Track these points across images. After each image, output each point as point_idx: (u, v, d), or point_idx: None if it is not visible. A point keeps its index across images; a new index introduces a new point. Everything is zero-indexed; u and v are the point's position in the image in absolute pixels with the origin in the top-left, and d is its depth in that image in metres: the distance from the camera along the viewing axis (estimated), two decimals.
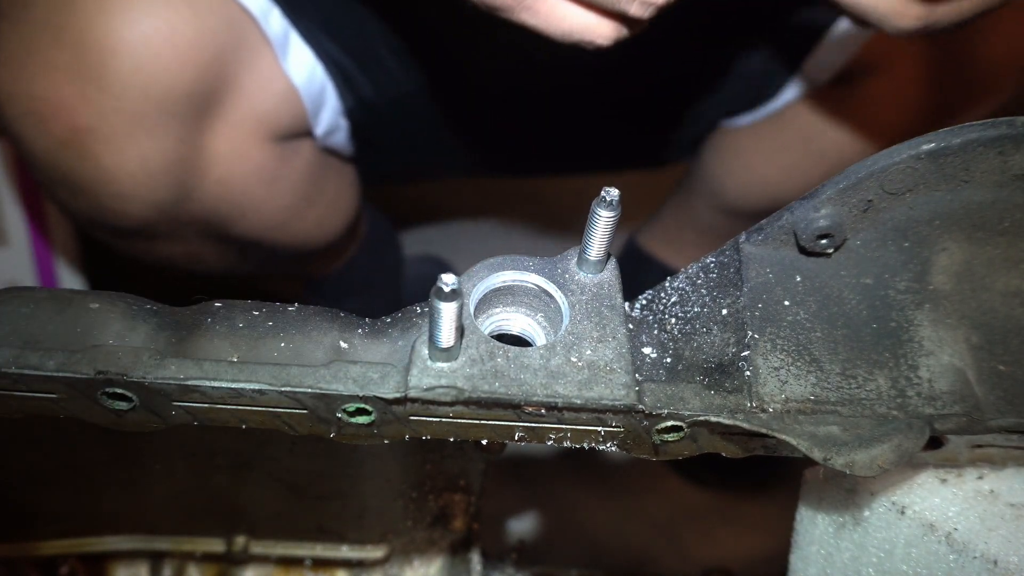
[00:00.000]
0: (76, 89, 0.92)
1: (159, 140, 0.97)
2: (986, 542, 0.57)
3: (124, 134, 0.95)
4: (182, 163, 1.00)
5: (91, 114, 0.93)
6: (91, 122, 0.94)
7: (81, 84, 0.92)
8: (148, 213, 1.02)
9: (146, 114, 0.95)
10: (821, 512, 0.65)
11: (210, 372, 0.49)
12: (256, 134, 1.06)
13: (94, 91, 0.93)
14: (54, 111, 0.93)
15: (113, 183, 0.98)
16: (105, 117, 0.94)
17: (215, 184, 1.05)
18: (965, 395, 0.55)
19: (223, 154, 1.04)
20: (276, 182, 1.12)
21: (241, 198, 1.09)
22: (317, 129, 1.15)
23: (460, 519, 0.86)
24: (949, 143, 0.52)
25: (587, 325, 0.53)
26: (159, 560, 0.88)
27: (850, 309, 0.57)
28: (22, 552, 0.83)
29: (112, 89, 0.93)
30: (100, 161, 0.96)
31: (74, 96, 0.93)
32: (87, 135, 0.95)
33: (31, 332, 0.50)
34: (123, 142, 0.95)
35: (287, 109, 1.08)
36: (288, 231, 1.21)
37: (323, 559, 0.88)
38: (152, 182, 0.99)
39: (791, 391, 0.54)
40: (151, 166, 0.98)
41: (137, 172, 0.98)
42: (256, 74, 1.03)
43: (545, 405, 0.50)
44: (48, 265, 1.46)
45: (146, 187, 0.99)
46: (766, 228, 0.57)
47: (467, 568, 0.88)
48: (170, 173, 1.00)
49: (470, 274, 0.55)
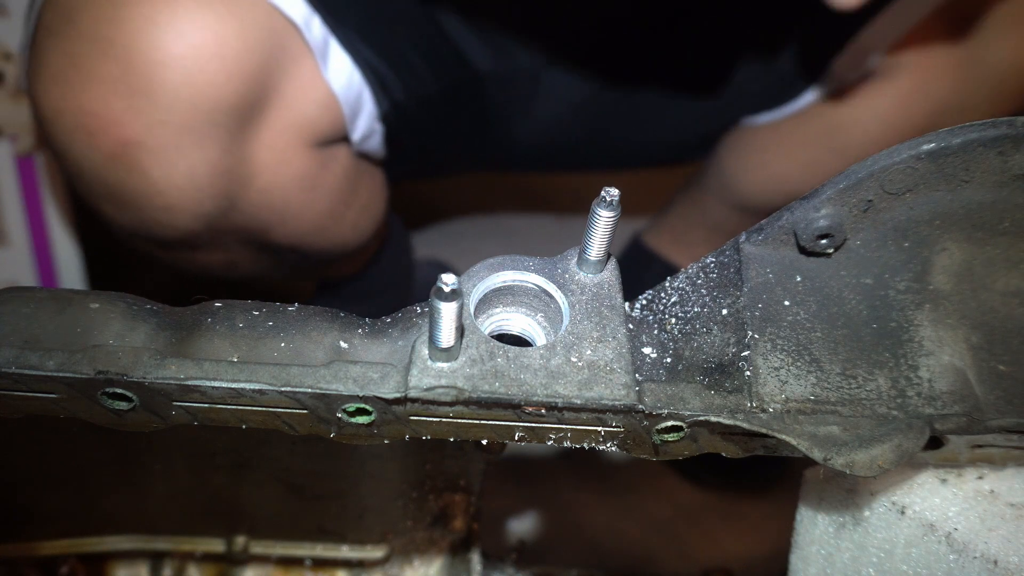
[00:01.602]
0: (125, 102, 0.93)
1: (206, 151, 0.97)
2: (986, 542, 0.57)
3: (172, 146, 0.95)
4: (228, 173, 1.01)
5: (140, 127, 0.94)
6: (140, 135, 0.94)
7: (130, 97, 0.93)
8: (194, 224, 1.03)
9: (194, 126, 0.95)
10: (821, 512, 0.65)
11: (210, 372, 0.49)
12: (297, 141, 1.07)
13: (143, 104, 0.93)
14: (103, 125, 0.94)
15: (161, 196, 0.99)
16: (153, 130, 0.94)
17: (258, 193, 1.06)
18: (965, 395, 0.55)
19: (266, 163, 1.05)
20: (316, 188, 1.13)
21: (282, 205, 1.10)
22: (354, 135, 1.16)
23: (460, 519, 0.86)
24: (949, 143, 0.52)
25: (587, 325, 0.53)
26: (159, 560, 0.88)
27: (850, 309, 0.57)
28: (22, 552, 0.83)
29: (161, 102, 0.93)
30: (149, 174, 0.97)
31: (123, 109, 0.93)
32: (136, 148, 0.95)
33: (31, 332, 0.50)
34: (171, 154, 0.96)
35: (327, 116, 1.09)
36: (325, 236, 1.22)
37: (323, 559, 0.88)
38: (199, 194, 1.00)
39: (791, 391, 0.54)
40: (198, 178, 0.98)
41: (185, 184, 0.98)
42: (298, 82, 1.04)
43: (545, 405, 0.50)
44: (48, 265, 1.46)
45: (193, 199, 1.00)
46: (766, 228, 0.57)
47: (467, 568, 0.88)
48: (216, 184, 1.00)
49: (470, 274, 0.55)
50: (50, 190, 1.43)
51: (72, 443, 0.75)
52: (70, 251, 1.48)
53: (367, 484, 0.82)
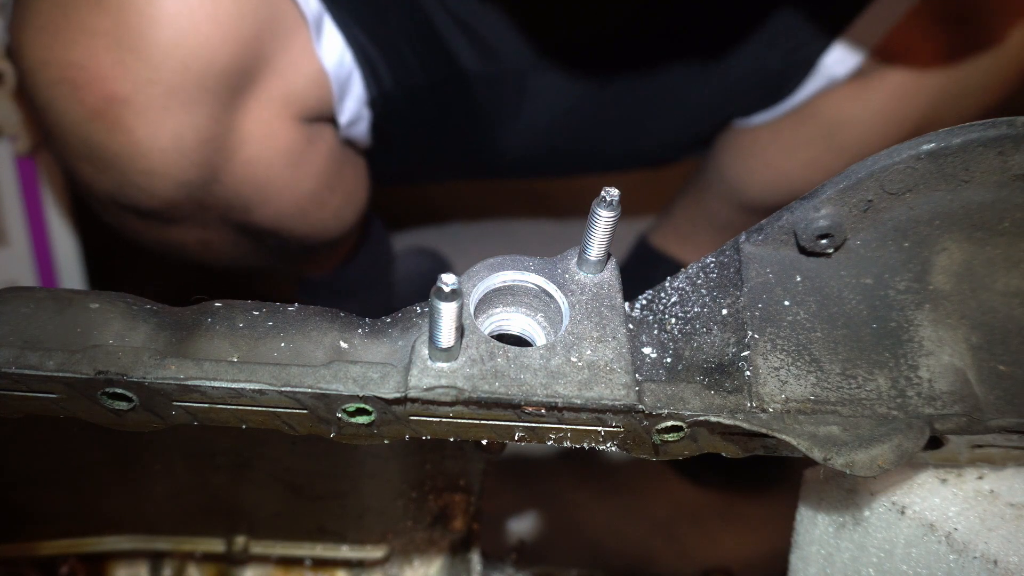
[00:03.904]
0: (114, 57, 0.89)
1: (194, 116, 0.94)
2: (986, 542, 0.57)
3: (160, 107, 0.92)
4: (214, 141, 0.98)
5: (128, 84, 0.90)
6: (127, 92, 0.91)
7: (120, 52, 0.89)
8: (175, 192, 1.00)
9: (183, 88, 0.92)
10: (821, 512, 0.65)
11: (210, 372, 0.49)
12: (286, 114, 1.04)
13: (133, 60, 0.90)
14: (90, 79, 0.90)
15: (144, 158, 0.95)
16: (142, 88, 0.91)
17: (243, 164, 1.03)
18: (965, 395, 0.55)
19: (253, 134, 1.02)
20: (300, 165, 1.10)
21: (266, 181, 1.08)
22: (341, 117, 1.14)
23: (460, 519, 0.86)
24: (949, 143, 0.52)
25: (587, 325, 0.53)
26: (159, 560, 0.88)
27: (850, 309, 0.57)
28: (22, 552, 0.83)
29: (152, 59, 0.90)
30: (132, 134, 0.93)
31: (112, 64, 0.90)
32: (122, 105, 0.91)
33: (31, 332, 0.50)
34: (158, 115, 0.92)
35: (316, 91, 1.07)
36: (307, 220, 1.20)
37: (323, 559, 0.88)
38: (183, 160, 0.96)
39: (791, 391, 0.54)
40: (184, 142, 0.95)
41: (169, 148, 0.95)
42: (290, 53, 1.01)
43: (545, 405, 0.50)
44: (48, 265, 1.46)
45: (176, 164, 0.96)
46: (766, 228, 0.57)
47: (467, 568, 0.88)
48: (201, 151, 0.97)
49: (470, 274, 0.55)
50: (50, 190, 1.43)
51: (72, 443, 0.75)
52: (70, 251, 1.48)
53: (367, 484, 0.82)
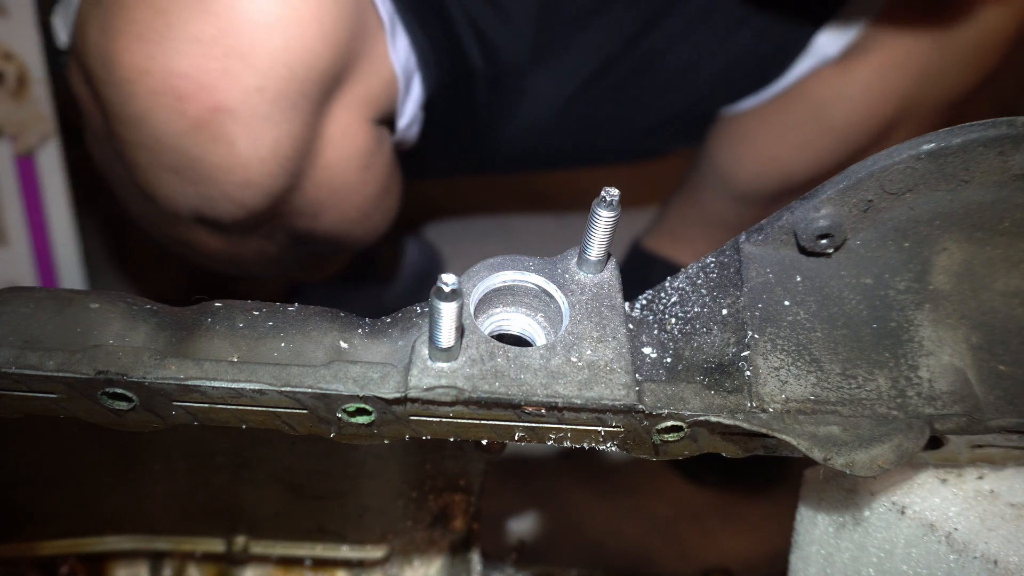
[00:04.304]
0: (221, 66, 0.86)
1: (293, 124, 0.91)
2: (986, 542, 0.57)
3: (264, 116, 0.88)
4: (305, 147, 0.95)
5: (235, 93, 0.87)
6: (233, 102, 0.87)
7: (227, 60, 0.85)
8: (262, 202, 0.96)
9: (288, 95, 0.89)
10: (821, 512, 0.65)
11: (210, 372, 0.49)
12: (364, 116, 1.02)
13: (241, 68, 0.86)
14: (195, 88, 0.86)
15: (243, 169, 0.91)
16: (248, 97, 0.87)
17: (323, 169, 1.00)
18: (965, 395, 0.55)
19: (334, 137, 0.99)
20: (371, 168, 1.07)
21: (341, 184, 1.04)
22: (401, 120, 1.11)
23: (460, 519, 0.86)
24: (949, 143, 0.52)
25: (587, 325, 0.53)
26: (159, 560, 0.88)
27: (850, 309, 0.57)
28: (22, 552, 0.83)
29: (260, 67, 0.86)
30: (234, 145, 0.89)
31: (218, 73, 0.86)
32: (226, 116, 0.87)
33: (31, 332, 0.50)
34: (261, 126, 0.89)
35: (388, 93, 1.04)
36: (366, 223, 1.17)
37: (323, 559, 0.88)
38: (279, 169, 0.93)
39: (791, 391, 0.54)
40: (281, 152, 0.92)
41: (268, 158, 0.91)
42: (372, 56, 0.99)
43: (545, 405, 0.50)
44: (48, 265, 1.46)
45: (272, 174, 0.93)
46: (766, 228, 0.57)
47: (467, 568, 0.88)
48: (295, 159, 0.94)
49: (470, 274, 0.55)
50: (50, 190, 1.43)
51: (72, 443, 0.75)
52: (70, 251, 1.48)
53: (367, 484, 0.82)
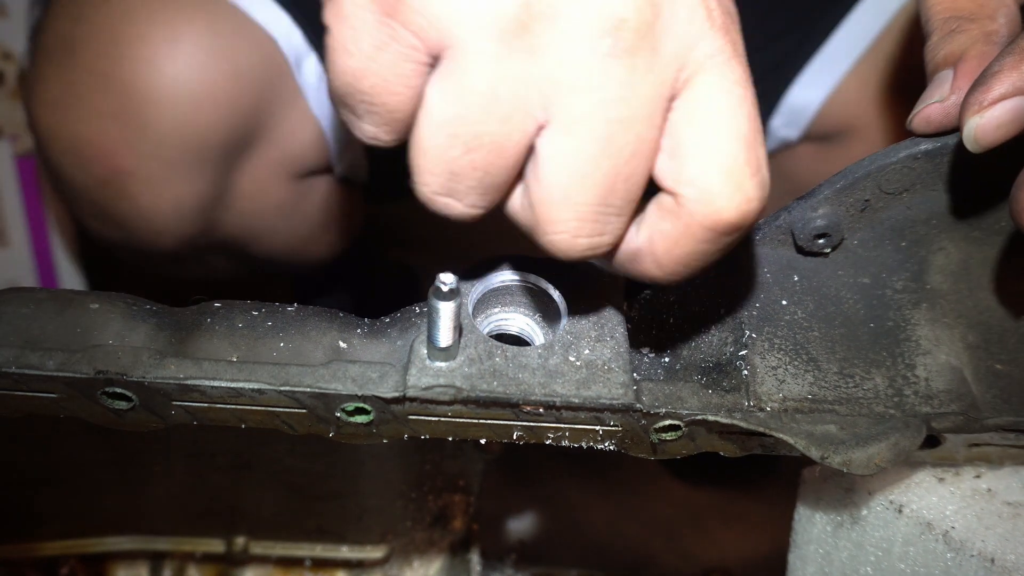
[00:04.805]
0: (120, 135, 0.96)
1: (193, 184, 1.01)
2: (983, 540, 0.57)
3: (162, 178, 0.99)
4: (211, 201, 1.05)
5: (132, 158, 0.97)
6: (131, 166, 0.98)
7: (125, 130, 0.96)
8: (176, 244, 1.08)
9: (183, 160, 0.99)
10: (819, 511, 0.65)
11: (209, 371, 0.49)
12: (281, 173, 1.10)
13: (137, 138, 0.96)
14: (97, 153, 0.97)
15: (148, 220, 1.03)
16: (145, 161, 0.98)
17: (238, 216, 1.10)
18: (962, 394, 0.55)
19: (247, 191, 1.08)
20: (294, 216, 1.17)
21: (260, 229, 1.15)
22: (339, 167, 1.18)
23: (459, 519, 0.86)
24: (946, 143, 0.53)
25: (585, 324, 0.53)
26: (159, 560, 0.88)
27: (847, 308, 0.57)
28: (22, 552, 0.83)
29: (154, 136, 0.97)
30: (137, 201, 1.00)
31: (117, 141, 0.96)
32: (127, 177, 0.99)
33: (31, 332, 0.50)
34: (160, 185, 1.00)
35: (313, 151, 1.12)
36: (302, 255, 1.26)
37: (323, 559, 0.88)
38: (183, 220, 1.04)
39: (788, 390, 0.54)
40: (184, 206, 1.02)
41: (170, 212, 1.02)
42: (288, 120, 1.07)
43: (543, 404, 0.50)
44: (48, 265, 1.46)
45: (177, 225, 1.04)
46: (763, 228, 0.57)
47: (467, 568, 0.88)
48: (200, 212, 1.05)
49: (469, 273, 0.55)
50: (50, 190, 1.43)
51: (72, 443, 0.75)
52: (70, 251, 1.48)
53: (366, 484, 0.82)
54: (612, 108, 0.41)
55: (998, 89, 0.48)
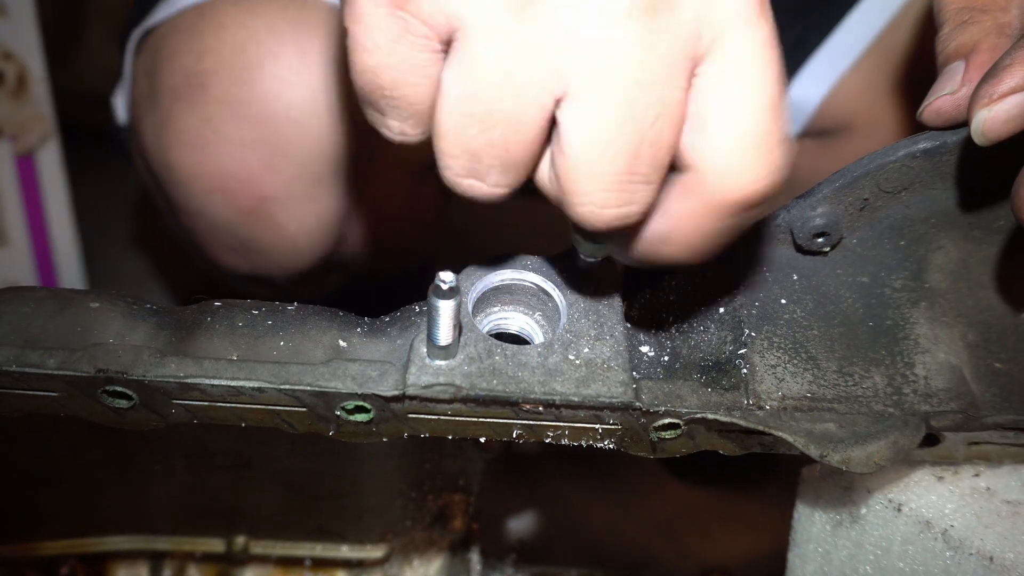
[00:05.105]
0: (263, 161, 0.95)
1: (334, 198, 1.00)
2: (982, 539, 0.57)
3: (306, 198, 0.98)
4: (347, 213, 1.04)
5: (277, 183, 0.96)
6: (275, 191, 0.97)
7: (267, 155, 0.95)
8: (311, 264, 1.06)
9: (324, 176, 0.98)
10: (818, 510, 0.65)
11: (210, 370, 0.49)
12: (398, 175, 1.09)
13: (279, 160, 0.95)
14: (241, 185, 0.96)
15: (292, 243, 1.02)
16: (289, 184, 0.97)
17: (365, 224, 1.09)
18: (961, 392, 0.55)
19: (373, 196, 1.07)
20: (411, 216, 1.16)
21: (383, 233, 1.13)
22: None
23: (459, 519, 0.86)
24: (945, 141, 0.53)
25: (585, 323, 0.53)
26: (159, 560, 0.88)
27: (847, 307, 0.57)
28: (22, 552, 0.83)
29: (296, 156, 0.95)
30: (283, 226, 1.00)
31: (261, 168, 0.95)
32: (272, 203, 0.98)
33: (31, 331, 0.50)
34: (305, 205, 0.99)
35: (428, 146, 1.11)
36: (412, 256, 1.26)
37: (323, 559, 0.88)
38: (325, 238, 1.03)
39: (788, 388, 0.54)
40: (324, 223, 1.01)
41: (315, 231, 1.01)
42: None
43: (543, 403, 0.50)
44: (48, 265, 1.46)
45: (320, 243, 1.03)
46: (762, 227, 0.57)
47: (467, 568, 0.88)
48: (339, 224, 1.03)
49: (468, 272, 0.55)
50: (50, 190, 1.43)
51: (72, 443, 0.76)
52: (70, 251, 1.48)
53: (366, 484, 0.82)
54: (631, 71, 0.39)
55: (1008, 82, 0.47)
